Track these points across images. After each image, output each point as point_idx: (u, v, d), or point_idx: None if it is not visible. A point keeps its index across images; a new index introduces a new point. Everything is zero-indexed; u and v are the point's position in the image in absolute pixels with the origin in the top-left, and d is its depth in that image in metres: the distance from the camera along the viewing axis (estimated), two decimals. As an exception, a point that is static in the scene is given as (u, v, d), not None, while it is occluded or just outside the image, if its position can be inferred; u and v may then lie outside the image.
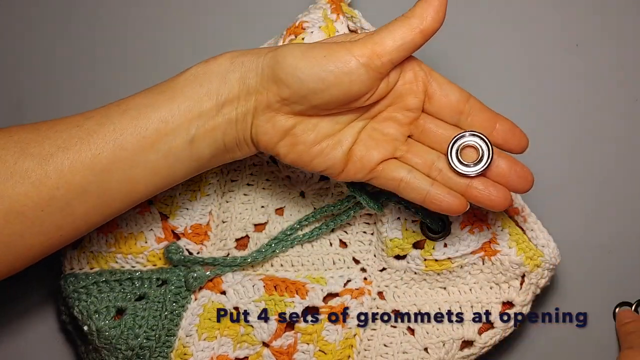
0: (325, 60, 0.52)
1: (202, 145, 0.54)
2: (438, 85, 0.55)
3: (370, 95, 0.54)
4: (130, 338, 0.60)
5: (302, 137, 0.54)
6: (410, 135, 0.56)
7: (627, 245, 0.68)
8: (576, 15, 0.68)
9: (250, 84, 0.53)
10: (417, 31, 0.52)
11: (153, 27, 0.72)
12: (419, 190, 0.55)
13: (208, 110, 0.53)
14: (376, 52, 0.52)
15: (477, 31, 0.69)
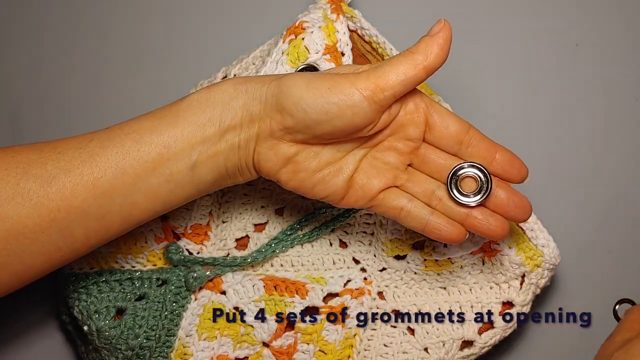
0: (329, 93, 0.52)
1: (204, 170, 0.54)
2: (439, 116, 0.56)
3: (372, 127, 0.54)
4: (130, 338, 0.60)
5: (304, 164, 0.55)
6: (410, 164, 0.57)
7: (627, 245, 0.68)
8: (576, 15, 0.68)
9: (254, 111, 0.54)
10: (420, 67, 0.53)
11: (153, 27, 0.72)
12: (419, 219, 0.56)
13: (211, 136, 0.54)
14: (379, 85, 0.52)
15: (477, 31, 0.69)
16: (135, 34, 0.72)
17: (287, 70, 0.61)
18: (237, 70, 0.64)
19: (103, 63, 0.72)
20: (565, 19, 0.68)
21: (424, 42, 0.54)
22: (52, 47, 0.73)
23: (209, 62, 0.69)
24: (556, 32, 0.68)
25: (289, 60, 0.61)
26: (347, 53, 0.62)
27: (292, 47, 0.61)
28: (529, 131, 0.68)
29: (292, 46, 0.61)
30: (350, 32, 0.64)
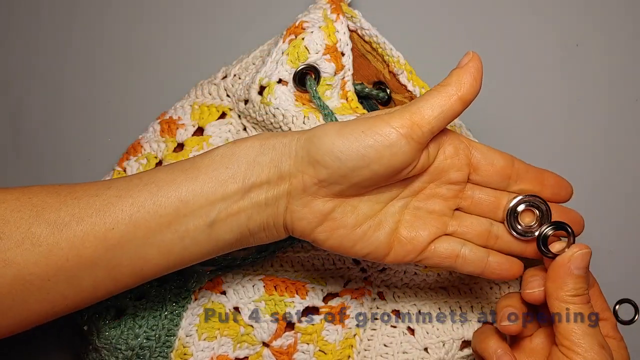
0: (364, 136, 0.50)
1: (223, 229, 0.52)
2: (481, 154, 0.54)
3: (412, 168, 0.52)
4: (130, 338, 0.60)
5: (342, 220, 0.52)
6: (458, 208, 0.55)
7: (627, 245, 0.68)
8: (576, 15, 0.68)
9: (284, 167, 0.51)
10: (455, 98, 0.51)
11: (153, 27, 0.72)
12: (477, 263, 0.54)
13: (232, 193, 0.51)
14: (416, 122, 0.51)
15: (477, 31, 0.69)
16: (136, 34, 0.72)
17: (286, 70, 0.61)
18: (237, 70, 0.64)
19: (103, 63, 0.72)
20: (565, 19, 0.68)
21: (455, 74, 0.52)
22: (52, 47, 0.73)
23: (209, 62, 0.69)
24: (556, 32, 0.68)
25: (288, 60, 0.61)
26: (347, 53, 0.62)
27: (292, 47, 0.61)
28: (529, 131, 0.68)
29: (292, 46, 0.61)
30: (350, 32, 0.64)
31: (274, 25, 0.66)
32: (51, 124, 0.73)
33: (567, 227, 0.53)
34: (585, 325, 0.51)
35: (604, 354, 0.50)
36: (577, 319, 0.51)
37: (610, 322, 0.55)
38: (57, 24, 0.73)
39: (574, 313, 0.51)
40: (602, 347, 0.50)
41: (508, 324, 0.53)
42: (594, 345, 0.50)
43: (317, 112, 0.61)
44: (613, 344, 0.54)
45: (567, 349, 0.51)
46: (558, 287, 0.51)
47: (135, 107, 0.72)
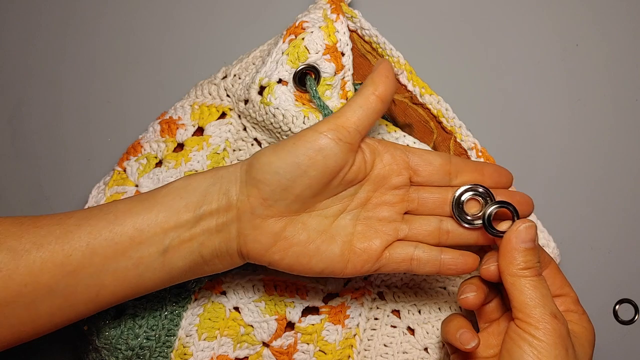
0: (296, 147, 0.53)
1: (176, 256, 0.54)
2: (418, 157, 0.57)
3: (348, 169, 0.54)
4: (130, 338, 0.60)
5: (294, 238, 0.55)
6: (407, 212, 0.57)
7: (627, 245, 0.68)
8: (576, 15, 0.68)
9: (231, 194, 0.54)
10: (372, 97, 0.54)
11: (153, 27, 0.72)
12: (432, 262, 0.56)
13: (185, 222, 0.54)
14: (340, 124, 0.53)
15: (477, 31, 0.69)
16: (136, 34, 0.72)
17: (286, 70, 0.61)
18: (237, 70, 0.64)
19: (103, 63, 0.72)
20: (565, 19, 0.68)
21: (369, 78, 0.55)
22: (52, 47, 0.73)
23: (209, 62, 0.69)
24: (556, 32, 0.68)
25: (288, 60, 0.61)
26: (347, 53, 0.62)
27: (292, 47, 0.61)
28: (530, 131, 0.68)
29: (292, 46, 0.61)
30: (350, 32, 0.64)
31: (274, 25, 0.66)
32: (51, 124, 0.73)
33: (509, 205, 0.55)
34: (537, 297, 0.52)
35: (556, 323, 0.51)
36: (528, 291, 0.52)
37: (571, 298, 0.56)
38: (57, 23, 0.73)
39: (526, 286, 0.52)
40: (554, 317, 0.52)
41: (466, 295, 0.55)
42: (545, 314, 0.52)
43: (317, 112, 0.61)
44: (574, 317, 0.55)
45: (521, 320, 0.52)
46: (509, 262, 0.53)
47: (135, 107, 0.72)
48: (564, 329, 0.52)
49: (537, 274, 0.53)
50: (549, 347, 0.51)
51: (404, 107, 0.65)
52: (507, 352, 0.52)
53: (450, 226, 0.57)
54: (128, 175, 0.64)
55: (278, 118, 0.61)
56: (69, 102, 0.72)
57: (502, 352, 0.53)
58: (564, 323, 0.52)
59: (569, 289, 0.57)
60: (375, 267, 0.56)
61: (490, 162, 0.64)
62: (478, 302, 0.55)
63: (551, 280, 0.56)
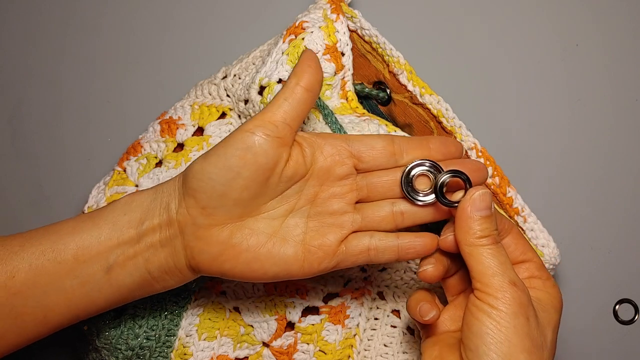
0: (225, 149, 0.52)
1: (122, 273, 0.53)
2: (360, 143, 0.55)
3: (284, 164, 0.53)
4: (130, 338, 0.60)
5: (242, 244, 0.53)
6: (359, 200, 0.56)
7: (627, 245, 0.68)
8: (576, 15, 0.68)
9: (172, 207, 0.53)
10: (298, 89, 0.53)
11: (153, 27, 0.72)
12: (390, 249, 0.55)
13: (129, 238, 0.53)
14: (267, 119, 0.52)
15: (477, 31, 0.69)
16: (136, 34, 0.72)
17: (287, 70, 0.61)
18: (237, 70, 0.64)
19: (103, 63, 0.72)
20: (565, 19, 0.68)
21: (293, 70, 0.54)
22: (52, 47, 0.73)
23: (209, 62, 0.69)
24: (556, 32, 0.68)
25: (288, 60, 0.61)
26: (347, 53, 0.62)
27: (292, 47, 0.61)
28: (530, 131, 0.68)
29: (292, 46, 0.61)
30: (350, 32, 0.64)
31: (274, 25, 0.66)
32: (51, 124, 0.73)
33: (460, 173, 0.53)
34: (495, 266, 0.50)
35: (515, 290, 0.50)
36: (486, 260, 0.50)
37: (534, 263, 0.54)
38: (57, 23, 0.73)
39: (483, 254, 0.51)
40: (513, 284, 0.50)
41: (424, 268, 0.53)
42: (504, 283, 0.50)
43: (317, 112, 0.61)
44: (537, 283, 0.54)
45: (480, 291, 0.50)
46: (465, 232, 0.51)
47: (135, 107, 0.72)
48: (525, 296, 0.50)
49: (494, 242, 0.51)
50: (509, 316, 0.49)
51: (404, 107, 0.65)
52: (467, 325, 0.50)
53: (403, 207, 0.55)
54: (128, 175, 0.64)
55: (278, 118, 0.61)
56: (69, 102, 0.72)
57: (462, 326, 0.51)
58: (524, 290, 0.50)
59: (532, 254, 0.55)
60: (333, 263, 0.55)
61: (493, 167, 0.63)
62: (437, 275, 0.54)
63: (513, 247, 0.54)
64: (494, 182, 0.63)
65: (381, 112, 0.65)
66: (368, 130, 0.60)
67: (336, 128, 0.59)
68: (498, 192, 0.63)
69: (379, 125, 0.61)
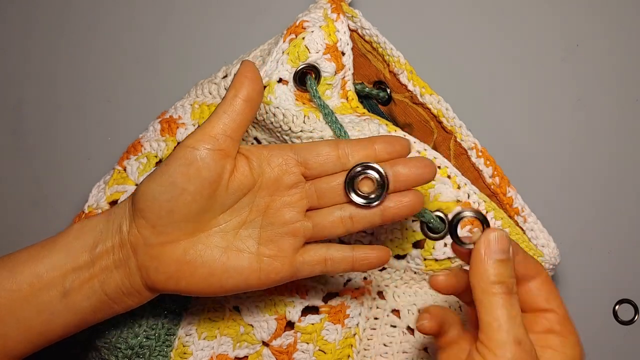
0: (168, 166, 0.52)
1: (78, 297, 0.53)
2: (305, 150, 0.55)
3: (228, 176, 0.53)
4: (130, 337, 0.60)
5: (197, 260, 0.54)
6: (310, 208, 0.56)
7: (627, 245, 0.68)
8: (576, 15, 0.68)
9: (123, 229, 0.54)
10: (237, 101, 0.53)
11: (153, 27, 0.72)
12: (345, 260, 0.55)
13: (83, 263, 0.53)
14: (207, 132, 0.53)
15: (477, 31, 0.69)
16: (136, 33, 0.72)
17: (287, 69, 0.61)
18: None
19: (103, 63, 0.72)
20: (566, 19, 0.68)
21: (231, 82, 0.54)
22: (52, 47, 0.73)
23: (209, 62, 0.69)
24: (557, 32, 0.68)
25: (289, 59, 0.61)
26: (348, 52, 0.62)
27: (292, 46, 0.61)
28: (530, 131, 0.68)
29: (293, 45, 0.61)
30: (351, 32, 0.64)
31: (274, 24, 0.66)
32: (51, 124, 0.73)
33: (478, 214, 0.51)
34: (501, 318, 0.46)
35: (518, 350, 0.45)
36: (496, 311, 0.46)
37: (558, 315, 0.49)
38: (57, 23, 0.73)
39: (493, 304, 0.46)
40: (517, 343, 0.45)
41: (420, 322, 0.50)
42: (508, 340, 0.45)
43: (317, 112, 0.61)
44: (555, 341, 0.49)
45: (482, 343, 0.46)
46: (478, 276, 0.47)
47: (135, 106, 0.72)
48: (528, 358, 0.46)
49: (508, 291, 0.47)
50: None
51: (404, 107, 0.65)
52: None
53: (352, 211, 0.55)
54: (128, 174, 0.64)
55: (278, 117, 0.61)
56: (69, 102, 0.72)
57: None
58: (530, 352, 0.46)
59: (558, 303, 0.50)
60: (290, 272, 0.55)
61: (493, 167, 0.63)
62: (433, 329, 0.50)
63: (537, 292, 0.50)
64: (494, 182, 0.63)
65: (381, 112, 0.65)
66: (368, 129, 0.60)
67: (337, 128, 0.59)
68: (498, 192, 0.63)
69: (379, 125, 0.61)
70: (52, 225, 0.71)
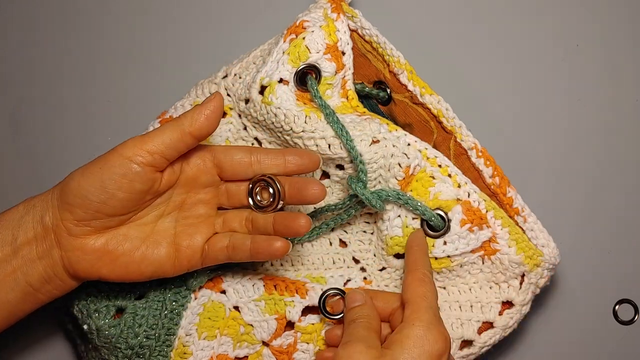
0: (102, 171, 0.54)
1: (2, 290, 0.54)
2: (222, 154, 0.58)
3: (158, 185, 0.56)
4: (130, 337, 0.60)
5: (118, 249, 0.56)
6: (220, 207, 0.60)
7: (627, 245, 0.68)
8: (576, 15, 0.68)
9: (46, 220, 0.55)
10: (186, 133, 0.55)
11: (153, 27, 0.72)
12: (243, 247, 0.58)
13: (4, 256, 0.55)
14: (146, 149, 0.55)
15: (478, 31, 0.69)
16: (136, 34, 0.72)
17: (287, 69, 0.61)
18: (238, 70, 0.64)
19: (103, 63, 0.72)
20: (566, 19, 0.68)
21: (192, 110, 0.56)
22: (52, 47, 0.73)
23: (209, 62, 0.69)
24: (557, 32, 0.68)
25: (289, 59, 0.61)
26: (348, 52, 0.62)
27: (292, 46, 0.61)
28: (530, 131, 0.68)
29: (293, 45, 0.61)
30: (351, 32, 0.64)
31: (274, 24, 0.66)
32: (51, 124, 0.73)
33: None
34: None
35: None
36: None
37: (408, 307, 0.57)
38: (57, 23, 0.73)
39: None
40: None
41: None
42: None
43: (318, 112, 0.61)
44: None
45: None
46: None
47: (135, 106, 0.72)
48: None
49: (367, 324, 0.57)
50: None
51: (404, 107, 0.65)
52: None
53: (254, 216, 0.59)
54: (128, 174, 0.64)
55: (279, 118, 0.61)
56: (70, 102, 0.72)
57: None
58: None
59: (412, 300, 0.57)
60: (200, 260, 0.58)
61: (493, 167, 0.63)
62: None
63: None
64: (494, 182, 0.63)
65: (381, 112, 0.65)
66: (369, 129, 0.60)
67: (338, 128, 0.59)
68: (498, 192, 0.63)
69: (380, 124, 0.61)
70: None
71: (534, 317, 0.68)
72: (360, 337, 0.55)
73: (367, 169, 0.60)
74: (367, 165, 0.60)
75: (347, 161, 0.61)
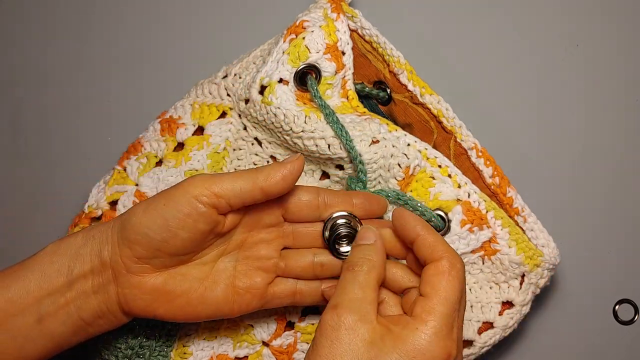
0: (166, 208, 0.52)
1: (54, 323, 0.53)
2: (289, 193, 0.56)
3: (221, 227, 0.54)
4: (130, 337, 0.60)
5: (176, 290, 0.54)
6: (285, 247, 0.58)
7: (627, 245, 0.68)
8: (576, 15, 0.68)
9: (104, 254, 0.53)
10: (257, 187, 0.54)
11: (153, 27, 0.72)
12: (314, 294, 0.57)
13: (59, 287, 0.53)
14: (215, 192, 0.53)
15: (478, 31, 0.69)
16: (136, 34, 0.72)
17: (287, 69, 0.61)
18: (238, 69, 0.64)
19: (103, 63, 0.72)
20: (566, 19, 0.68)
21: (271, 166, 0.54)
22: (52, 47, 0.73)
23: (209, 62, 0.69)
24: (557, 32, 0.68)
25: (289, 59, 0.61)
26: (348, 52, 0.62)
27: (292, 46, 0.61)
28: (530, 131, 0.68)
29: (293, 45, 0.61)
30: (351, 32, 0.64)
31: (274, 24, 0.66)
32: (51, 124, 0.73)
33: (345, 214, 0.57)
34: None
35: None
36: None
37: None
38: (57, 24, 0.73)
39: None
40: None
41: None
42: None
43: (318, 112, 0.61)
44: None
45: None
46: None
47: (135, 106, 0.72)
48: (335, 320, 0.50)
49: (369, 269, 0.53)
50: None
51: (404, 107, 0.65)
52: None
53: (324, 258, 0.57)
54: (128, 174, 0.64)
55: (279, 118, 0.61)
56: (69, 102, 0.72)
57: None
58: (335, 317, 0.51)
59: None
60: (260, 304, 0.57)
61: (493, 167, 0.63)
62: None
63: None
64: (494, 182, 0.63)
65: (381, 112, 0.65)
66: (369, 129, 0.60)
67: (338, 128, 0.59)
68: (498, 192, 0.63)
69: (380, 125, 0.61)
70: (52, 225, 0.71)
71: (534, 317, 0.68)
72: (354, 301, 0.51)
73: (366, 169, 0.60)
74: (367, 166, 0.60)
75: (347, 161, 0.61)
